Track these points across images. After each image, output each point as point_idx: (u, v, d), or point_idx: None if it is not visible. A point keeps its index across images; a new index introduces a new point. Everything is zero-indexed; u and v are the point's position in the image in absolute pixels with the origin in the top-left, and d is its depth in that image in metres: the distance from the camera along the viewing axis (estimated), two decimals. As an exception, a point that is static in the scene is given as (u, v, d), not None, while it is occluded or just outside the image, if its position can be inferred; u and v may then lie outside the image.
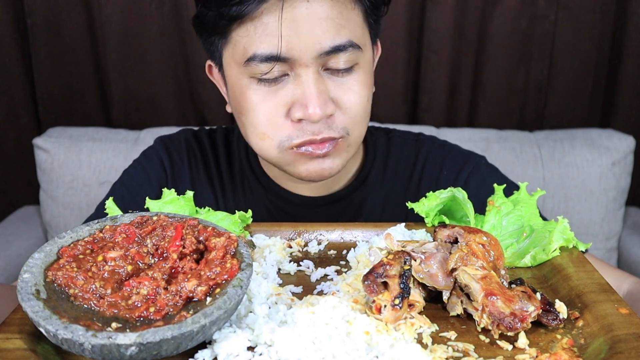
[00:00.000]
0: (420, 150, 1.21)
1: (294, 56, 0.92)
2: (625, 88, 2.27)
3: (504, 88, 2.28)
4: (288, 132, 0.97)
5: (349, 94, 0.98)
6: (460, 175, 1.18)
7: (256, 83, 0.96)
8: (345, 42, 0.94)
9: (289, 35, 0.91)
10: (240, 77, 0.98)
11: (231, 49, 0.97)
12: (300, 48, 0.91)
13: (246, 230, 0.95)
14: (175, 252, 0.68)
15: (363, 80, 0.99)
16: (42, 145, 2.10)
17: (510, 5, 2.17)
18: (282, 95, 0.95)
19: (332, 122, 0.97)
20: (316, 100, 0.93)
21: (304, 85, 0.94)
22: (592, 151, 2.10)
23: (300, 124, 0.96)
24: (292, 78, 0.95)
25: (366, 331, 0.67)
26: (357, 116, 0.99)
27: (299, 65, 0.93)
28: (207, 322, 0.60)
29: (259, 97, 0.96)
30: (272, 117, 0.97)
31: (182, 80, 2.27)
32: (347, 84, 0.97)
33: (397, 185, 1.20)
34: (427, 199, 0.94)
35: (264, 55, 0.92)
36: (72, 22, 2.18)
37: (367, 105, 1.01)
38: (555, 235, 0.85)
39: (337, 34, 0.93)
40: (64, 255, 0.68)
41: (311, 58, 0.92)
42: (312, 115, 0.93)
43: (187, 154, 1.21)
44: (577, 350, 0.66)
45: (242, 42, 0.94)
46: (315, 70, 0.94)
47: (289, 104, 0.95)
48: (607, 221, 2.12)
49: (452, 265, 0.74)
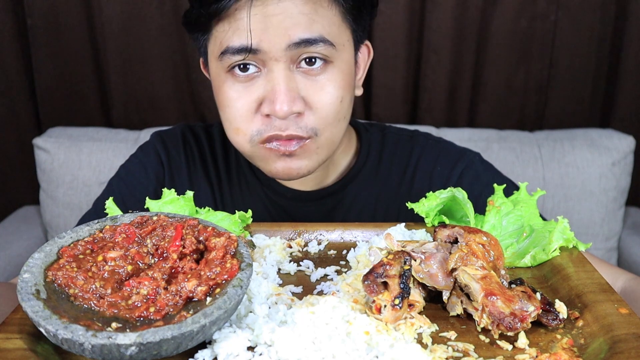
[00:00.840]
0: (414, 147, 1.22)
1: (263, 48, 0.94)
2: (625, 88, 2.26)
3: (504, 88, 2.28)
4: (258, 127, 0.99)
5: (320, 94, 0.98)
6: (454, 171, 1.18)
7: (231, 78, 0.99)
8: (316, 37, 0.95)
9: (259, 28, 0.93)
10: (219, 72, 1.01)
11: (212, 44, 1.01)
12: (269, 40, 0.93)
13: (246, 230, 0.95)
14: (175, 252, 0.68)
15: (337, 80, 0.99)
16: (42, 145, 2.10)
17: (510, 5, 2.17)
18: (254, 91, 0.98)
19: (301, 120, 0.98)
20: (283, 96, 0.94)
21: (273, 80, 0.95)
22: (592, 151, 2.10)
23: (269, 119, 0.98)
24: (264, 74, 0.97)
25: (366, 331, 0.67)
26: (328, 117, 0.99)
27: (270, 59, 0.95)
28: (207, 322, 0.60)
29: (235, 93, 0.99)
30: (245, 112, 0.99)
31: (182, 80, 2.27)
32: (320, 83, 0.98)
33: (391, 180, 1.20)
34: (427, 199, 0.94)
35: (235, 47, 0.95)
36: (72, 22, 2.18)
37: (340, 106, 1.00)
38: (555, 235, 0.85)
39: (308, 28, 0.94)
40: (64, 255, 0.68)
41: (280, 50, 0.94)
42: (278, 112, 0.94)
43: (183, 148, 1.23)
44: (577, 350, 0.66)
45: (220, 37, 0.98)
46: (285, 67, 0.95)
47: (260, 99, 0.98)
48: (607, 221, 2.12)
49: (452, 265, 0.74)
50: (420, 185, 1.19)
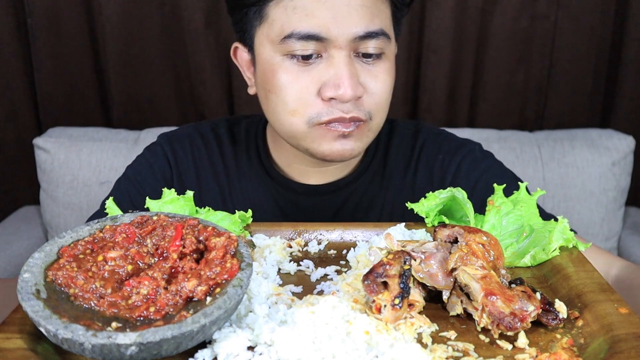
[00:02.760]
0: (417, 138, 1.26)
1: (330, 37, 0.97)
2: (625, 88, 2.26)
3: (504, 88, 2.28)
4: (318, 110, 1.01)
5: (375, 80, 1.03)
6: (454, 160, 1.21)
7: (289, 61, 1.00)
8: (377, 30, 1.00)
9: (328, 17, 0.97)
10: (273, 55, 1.02)
11: (267, 27, 1.02)
12: (337, 30, 0.97)
13: (246, 230, 0.95)
14: (175, 252, 0.68)
15: (388, 70, 1.05)
16: (42, 145, 2.10)
17: (510, 5, 2.17)
18: (314, 75, 1.00)
19: (360, 104, 1.02)
20: (348, 81, 0.98)
21: (336, 66, 0.99)
22: (592, 151, 2.10)
23: (330, 102, 1.00)
24: (325, 59, 1.00)
25: (366, 331, 0.67)
26: (381, 102, 1.06)
27: (333, 47, 0.98)
28: (207, 321, 0.60)
29: (291, 76, 1.01)
30: (304, 95, 1.01)
31: (182, 80, 2.27)
32: (375, 71, 1.03)
33: (397, 172, 1.23)
34: (426, 199, 0.94)
35: (301, 33, 0.97)
36: (72, 22, 2.18)
37: (389, 94, 1.08)
38: (555, 235, 0.85)
39: (371, 21, 0.99)
40: (64, 255, 0.68)
41: (346, 41, 0.98)
42: (344, 95, 0.98)
43: (191, 150, 1.23)
44: (577, 350, 0.66)
45: (280, 21, 0.99)
46: (347, 54, 0.99)
47: (320, 83, 1.00)
48: (607, 221, 2.12)
49: (452, 265, 0.74)
50: (423, 176, 1.22)
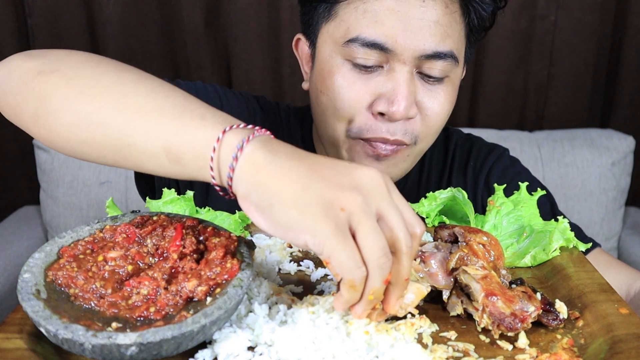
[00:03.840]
0: (449, 144, 1.23)
1: (396, 50, 0.92)
2: (625, 88, 2.27)
3: (504, 88, 2.28)
4: (364, 123, 0.97)
5: (433, 102, 0.97)
6: (485, 165, 1.19)
7: (350, 66, 0.95)
8: (447, 51, 0.94)
9: (399, 28, 0.91)
10: (333, 56, 0.97)
11: (333, 25, 0.97)
12: (404, 43, 0.91)
13: (246, 230, 0.95)
14: (175, 252, 0.68)
15: (450, 93, 0.99)
16: (42, 145, 2.10)
17: (510, 5, 2.17)
18: (371, 85, 0.95)
19: (409, 125, 0.97)
20: (404, 99, 0.92)
21: (395, 81, 0.93)
22: (592, 151, 2.10)
23: (379, 117, 0.96)
24: (385, 71, 0.95)
25: (366, 331, 0.67)
26: (434, 126, 0.99)
27: (397, 61, 0.93)
28: (208, 322, 0.60)
29: (348, 81, 0.95)
30: (355, 104, 0.96)
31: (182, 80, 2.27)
32: (435, 93, 0.97)
33: (433, 180, 1.21)
34: (427, 199, 0.94)
35: (367, 40, 0.92)
36: (72, 22, 2.18)
37: (445, 119, 1.01)
38: (555, 235, 0.85)
39: (443, 41, 0.93)
40: (65, 255, 0.68)
41: (411, 57, 0.92)
42: (395, 113, 0.93)
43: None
44: (577, 350, 0.66)
45: (348, 22, 0.94)
46: (410, 70, 0.94)
47: (375, 96, 0.95)
48: (607, 221, 2.13)
49: (452, 265, 0.74)
50: (457, 180, 1.19)
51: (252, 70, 2.24)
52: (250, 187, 0.60)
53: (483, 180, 1.18)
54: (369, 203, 0.59)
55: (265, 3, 2.16)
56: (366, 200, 0.59)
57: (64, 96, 0.70)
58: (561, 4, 2.18)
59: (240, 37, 2.19)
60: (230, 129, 0.63)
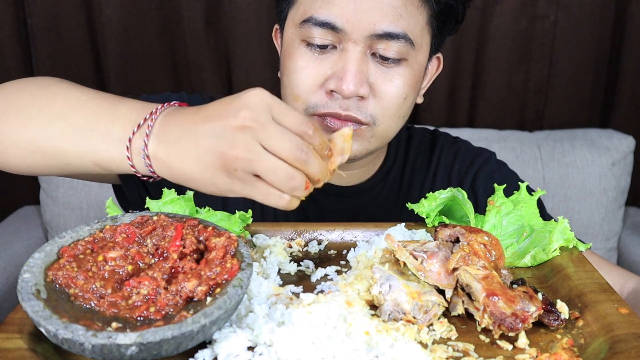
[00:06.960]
0: (435, 146, 1.25)
1: (346, 29, 0.94)
2: (625, 88, 2.27)
3: (504, 88, 2.28)
4: (318, 100, 0.99)
5: (387, 84, 0.99)
6: (470, 169, 1.20)
7: (305, 47, 0.99)
8: (399, 32, 0.95)
9: (349, 9, 0.94)
10: (293, 38, 1.01)
11: (294, 10, 1.01)
12: (355, 23, 0.94)
13: (246, 230, 0.95)
14: (175, 252, 0.68)
15: (407, 77, 1.00)
16: (42, 145, 2.09)
17: (510, 5, 2.17)
18: (325, 65, 0.98)
19: (363, 105, 0.98)
20: (352, 77, 0.95)
21: (346, 59, 0.96)
22: (592, 151, 2.10)
23: (331, 95, 0.98)
24: (338, 51, 0.97)
25: (366, 331, 0.67)
26: (390, 109, 1.00)
27: (348, 40, 0.95)
28: (207, 322, 0.60)
29: (304, 62, 0.99)
30: (310, 83, 0.99)
31: (183, 80, 2.27)
32: (389, 75, 0.99)
33: (416, 180, 1.22)
34: (427, 200, 0.94)
35: (319, 19, 0.95)
36: (72, 22, 2.18)
37: (403, 103, 1.01)
38: (555, 235, 0.85)
39: (395, 21, 0.95)
40: (64, 255, 0.68)
41: (362, 36, 0.95)
42: (344, 90, 0.95)
43: None
44: (577, 350, 0.66)
45: (305, 5, 0.98)
46: (362, 50, 0.96)
47: (328, 75, 0.98)
48: (607, 221, 2.12)
49: (453, 264, 0.74)
50: (441, 182, 1.21)
51: (252, 70, 2.24)
52: (163, 171, 0.72)
53: (469, 184, 1.19)
54: (261, 112, 0.66)
55: (265, 3, 2.16)
56: (257, 111, 0.66)
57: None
58: (561, 4, 2.18)
59: (240, 37, 2.19)
60: (133, 135, 0.73)
